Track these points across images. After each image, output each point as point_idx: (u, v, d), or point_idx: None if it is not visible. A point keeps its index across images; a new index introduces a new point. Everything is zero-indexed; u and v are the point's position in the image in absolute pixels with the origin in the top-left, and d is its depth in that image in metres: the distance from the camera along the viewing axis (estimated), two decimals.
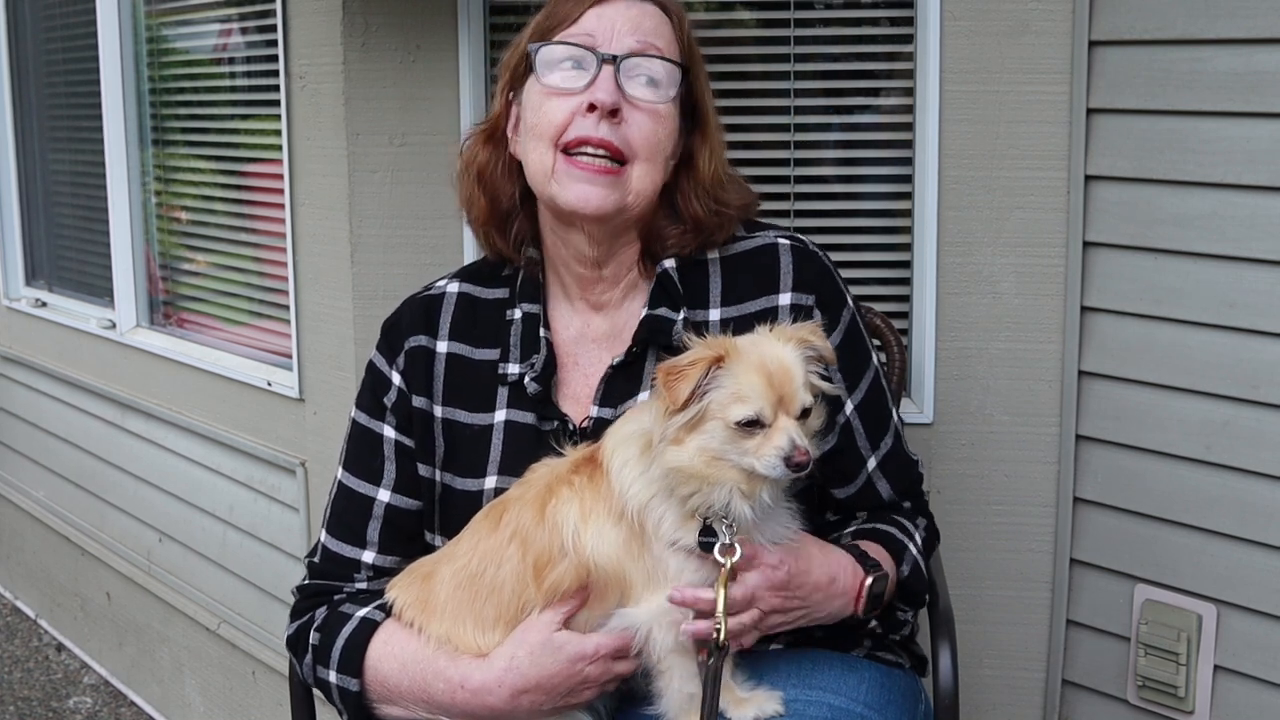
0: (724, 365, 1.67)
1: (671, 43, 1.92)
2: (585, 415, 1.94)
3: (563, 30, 1.90)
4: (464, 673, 1.81)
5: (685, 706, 1.74)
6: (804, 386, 1.69)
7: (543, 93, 1.89)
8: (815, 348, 1.74)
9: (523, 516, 1.80)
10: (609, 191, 1.86)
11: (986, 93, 2.63)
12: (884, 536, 1.97)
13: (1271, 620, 2.43)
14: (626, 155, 1.86)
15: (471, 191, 2.02)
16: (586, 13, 1.89)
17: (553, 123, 1.86)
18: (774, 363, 1.68)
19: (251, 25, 3.52)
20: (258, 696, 3.67)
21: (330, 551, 2.02)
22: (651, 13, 1.92)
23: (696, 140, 1.96)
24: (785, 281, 1.94)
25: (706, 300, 1.95)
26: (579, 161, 1.85)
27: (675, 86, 1.91)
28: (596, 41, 1.87)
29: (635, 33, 1.88)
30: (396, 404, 2.00)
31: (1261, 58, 2.34)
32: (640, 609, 1.74)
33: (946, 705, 1.97)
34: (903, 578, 1.95)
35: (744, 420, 1.65)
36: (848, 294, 2.00)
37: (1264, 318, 2.38)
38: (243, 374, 3.50)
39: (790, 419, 1.67)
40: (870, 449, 1.99)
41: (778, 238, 1.99)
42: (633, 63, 1.88)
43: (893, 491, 2.03)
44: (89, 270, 4.44)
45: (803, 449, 1.66)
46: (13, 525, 5.10)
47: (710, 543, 1.71)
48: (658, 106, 1.89)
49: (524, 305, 1.99)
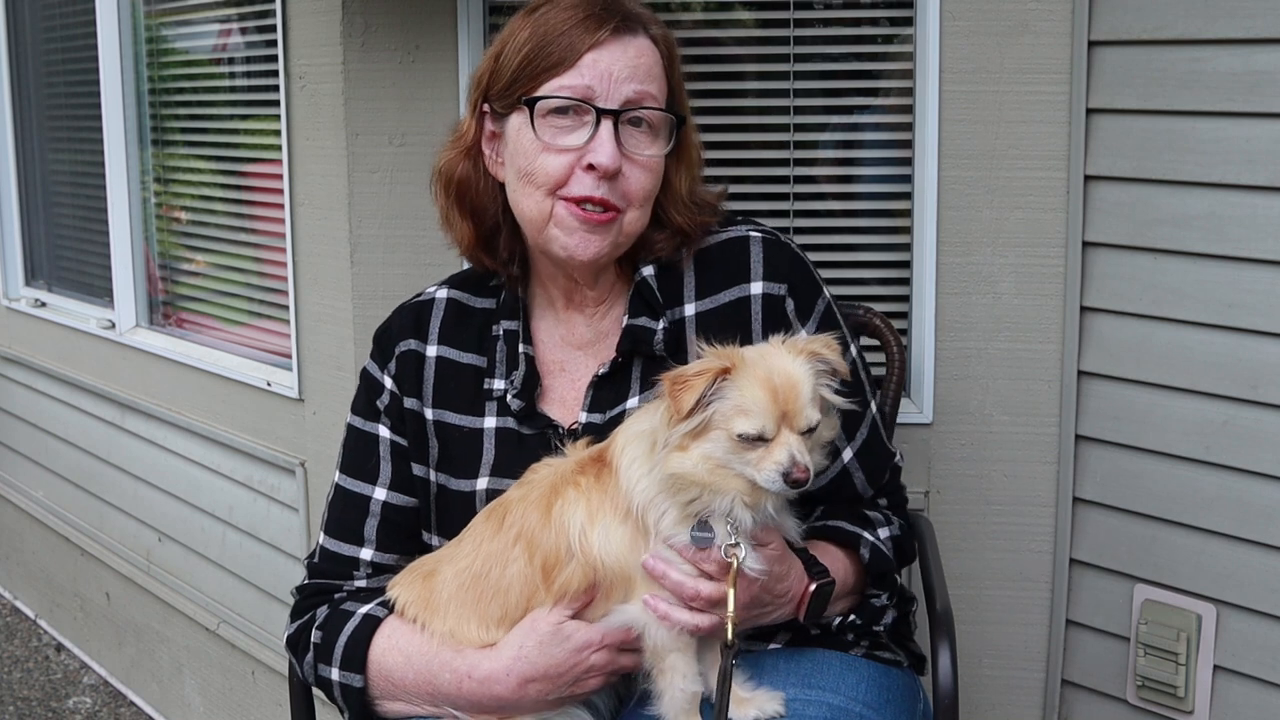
0: (730, 377, 1.67)
1: (662, 82, 1.90)
2: (574, 420, 1.95)
3: (557, 76, 1.85)
4: (471, 662, 1.81)
5: (686, 706, 1.74)
6: (811, 402, 1.69)
7: (538, 144, 1.86)
8: (827, 361, 1.73)
9: (528, 518, 1.80)
10: (604, 239, 1.87)
11: (986, 93, 2.63)
12: (836, 532, 1.96)
13: (1271, 620, 2.43)
14: (622, 207, 1.88)
15: (451, 214, 2.00)
16: (583, 57, 1.84)
17: (551, 176, 1.86)
18: (780, 377, 1.67)
19: (251, 25, 3.52)
20: (257, 696, 3.68)
21: (329, 551, 2.03)
22: (645, 49, 1.89)
23: (673, 164, 1.95)
24: (756, 270, 1.94)
25: (681, 298, 1.96)
26: (577, 211, 1.85)
27: (668, 135, 1.91)
28: (594, 94, 1.84)
29: (632, 80, 1.85)
30: (390, 406, 2.02)
31: (1261, 58, 2.34)
32: (636, 605, 1.75)
33: (946, 705, 1.97)
34: (864, 562, 1.94)
35: (747, 434, 1.66)
36: (821, 283, 2.00)
37: (1263, 318, 2.38)
38: (242, 374, 3.50)
39: (794, 434, 1.67)
40: (846, 440, 1.97)
41: (749, 231, 1.99)
42: (632, 115, 1.86)
43: (868, 484, 2.02)
44: (88, 270, 4.44)
45: (802, 466, 1.65)
46: (12, 525, 5.10)
47: (706, 538, 1.71)
48: (652, 159, 1.89)
49: (505, 323, 2.01)
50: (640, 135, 1.88)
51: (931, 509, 2.72)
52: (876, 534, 1.97)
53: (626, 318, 1.95)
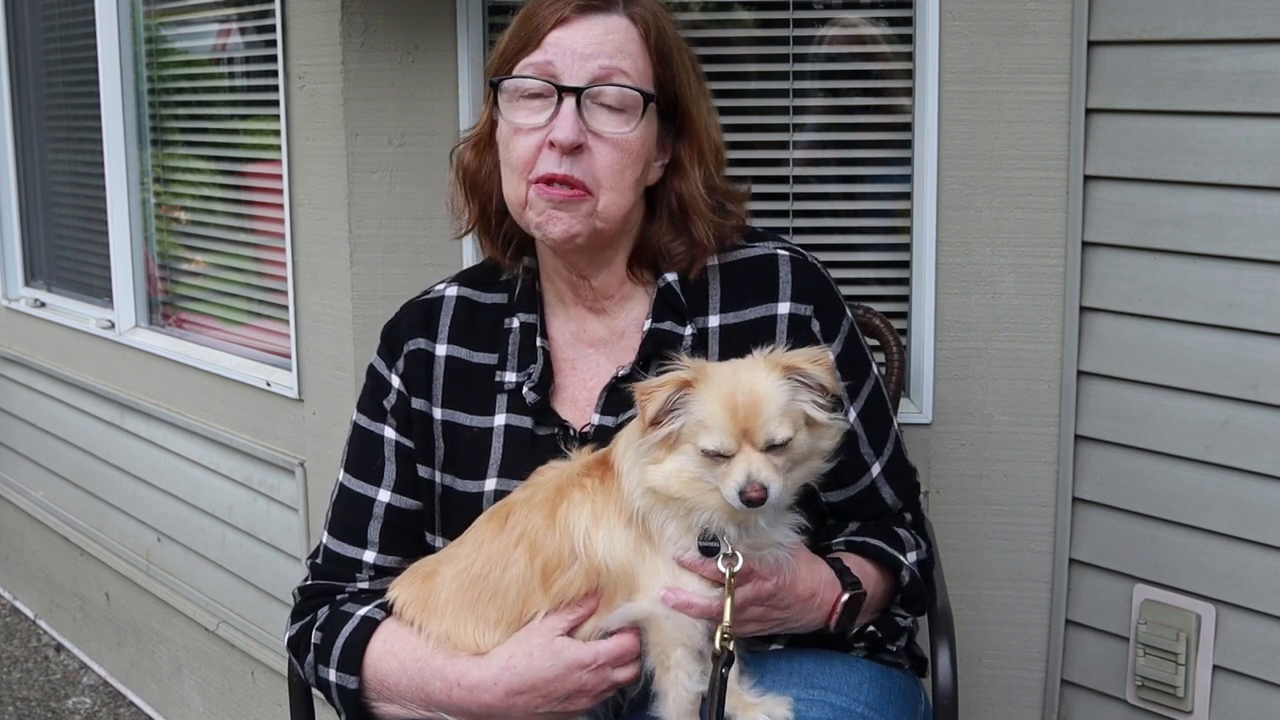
0: (693, 390, 1.67)
1: (640, 59, 1.87)
2: (586, 422, 1.95)
3: (526, 55, 1.85)
4: (460, 670, 1.81)
5: (688, 708, 1.73)
6: (778, 418, 1.65)
7: (510, 129, 1.87)
8: (807, 375, 1.69)
9: (531, 520, 1.79)
10: (572, 217, 1.85)
11: (986, 93, 2.63)
12: (875, 551, 1.96)
13: (1270, 620, 2.43)
14: (591, 187, 1.85)
15: (459, 199, 2.03)
16: (548, 35, 1.84)
17: (521, 158, 1.86)
18: (744, 393, 1.65)
19: (250, 25, 3.52)
20: (257, 697, 3.67)
21: (332, 552, 2.03)
22: (617, 27, 1.86)
23: (684, 149, 1.94)
24: (784, 291, 1.94)
25: (706, 307, 1.96)
26: (544, 190, 1.84)
27: (640, 113, 1.87)
28: (557, 70, 1.83)
29: (598, 56, 1.84)
30: (396, 406, 2.01)
31: (1261, 58, 2.34)
32: (644, 601, 1.74)
33: (946, 705, 1.97)
34: (902, 584, 1.96)
35: (708, 450, 1.66)
36: (845, 304, 2.01)
37: (1263, 318, 2.38)
38: (242, 374, 3.50)
39: (756, 451, 1.65)
40: (874, 455, 1.99)
41: (777, 249, 1.99)
42: (595, 91, 1.84)
43: (897, 498, 2.03)
44: (88, 270, 4.44)
45: (757, 485, 1.63)
46: (12, 525, 5.10)
47: (712, 547, 1.71)
48: (622, 137, 1.86)
49: (521, 315, 2.00)
50: (610, 114, 1.85)
51: (931, 509, 2.72)
52: (910, 556, 1.99)
53: (650, 321, 1.94)
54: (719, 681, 1.67)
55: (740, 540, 1.71)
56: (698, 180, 1.94)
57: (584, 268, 1.96)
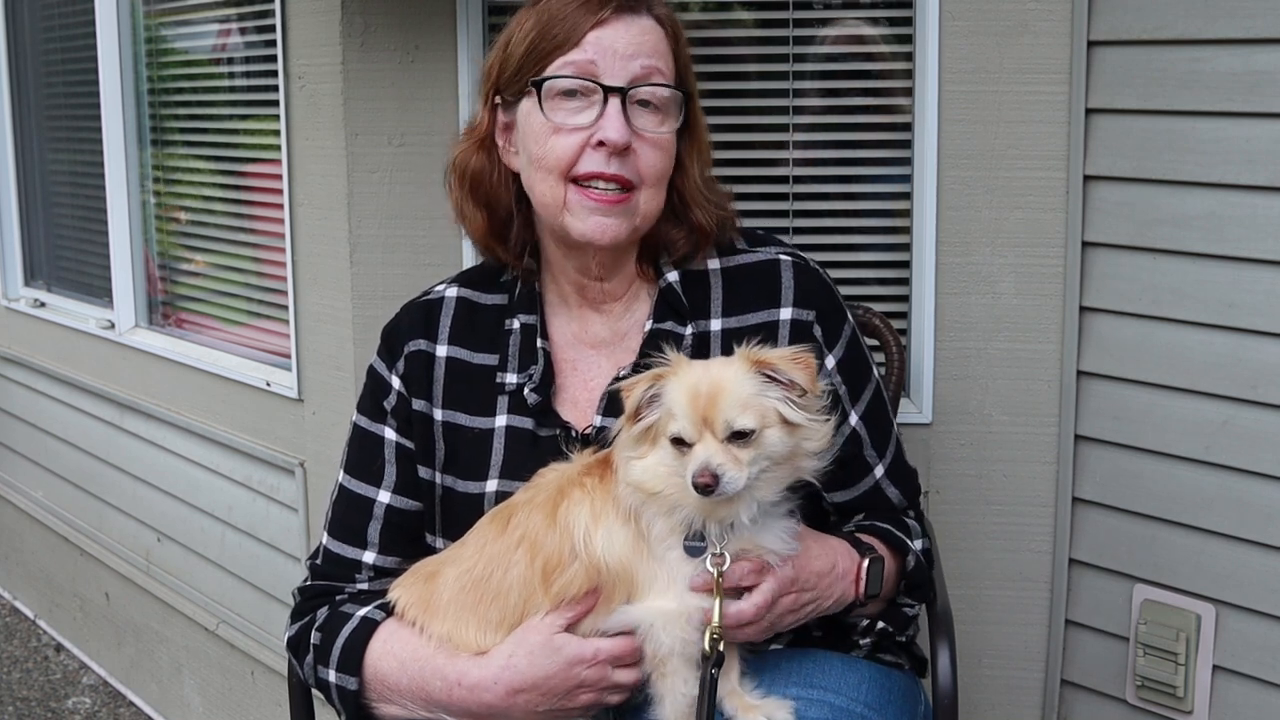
0: (664, 382, 1.69)
1: (669, 59, 1.91)
2: (588, 423, 1.95)
3: (562, 55, 1.86)
4: (461, 670, 1.81)
5: (686, 711, 1.73)
6: (738, 407, 1.65)
7: (548, 127, 1.87)
8: (778, 371, 1.69)
9: (532, 520, 1.80)
10: (622, 221, 1.87)
11: (985, 93, 2.63)
12: (882, 532, 1.98)
13: (1270, 620, 2.43)
14: (636, 185, 1.87)
15: (465, 205, 2.01)
16: (586, 35, 1.85)
17: (562, 159, 1.86)
18: (707, 383, 1.67)
19: (250, 25, 3.52)
20: (256, 697, 3.67)
21: (331, 553, 2.03)
22: (650, 28, 1.90)
23: (685, 146, 1.96)
24: (786, 296, 1.95)
25: (708, 311, 1.96)
26: (592, 193, 1.86)
27: (678, 113, 1.91)
28: (599, 70, 1.85)
29: (638, 56, 1.86)
30: (396, 407, 2.01)
31: (1261, 58, 2.34)
32: (640, 607, 1.74)
33: (945, 705, 1.98)
34: (908, 569, 1.97)
35: (671, 436, 1.67)
36: (847, 309, 2.02)
37: (1263, 318, 2.38)
38: (241, 374, 3.50)
39: (715, 439, 1.65)
40: (878, 457, 2.01)
41: (779, 254, 2.00)
42: (637, 91, 1.86)
43: (902, 497, 2.05)
44: (88, 270, 4.44)
45: (707, 470, 1.62)
46: (12, 525, 5.10)
47: (699, 546, 1.71)
48: (661, 136, 1.89)
49: (521, 316, 2.00)
50: (649, 114, 1.88)
51: (931, 509, 2.72)
52: (915, 544, 2.00)
53: (651, 322, 1.95)
54: (709, 682, 1.67)
55: (725, 540, 1.71)
56: (696, 175, 1.96)
57: (604, 269, 1.97)
